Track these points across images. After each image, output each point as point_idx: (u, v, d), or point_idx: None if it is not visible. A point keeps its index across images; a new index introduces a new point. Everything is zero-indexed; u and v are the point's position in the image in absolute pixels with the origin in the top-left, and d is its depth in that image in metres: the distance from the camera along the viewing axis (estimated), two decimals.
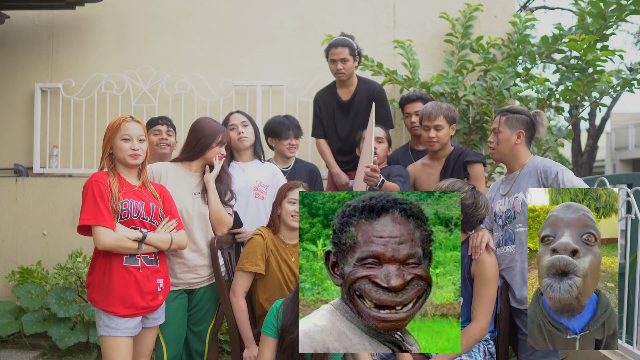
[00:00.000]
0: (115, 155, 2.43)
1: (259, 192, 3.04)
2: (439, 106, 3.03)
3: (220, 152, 2.75)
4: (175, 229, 2.50)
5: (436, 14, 4.48)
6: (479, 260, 2.43)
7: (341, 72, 3.62)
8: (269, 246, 2.64)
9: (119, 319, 2.31)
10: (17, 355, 3.95)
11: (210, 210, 2.70)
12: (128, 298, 2.32)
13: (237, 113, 3.15)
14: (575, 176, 2.45)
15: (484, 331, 2.42)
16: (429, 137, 3.02)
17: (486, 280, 2.42)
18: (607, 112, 15.24)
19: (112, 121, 2.45)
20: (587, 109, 4.51)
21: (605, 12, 3.87)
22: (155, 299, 2.41)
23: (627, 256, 3.10)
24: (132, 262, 2.35)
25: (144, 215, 2.40)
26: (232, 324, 2.67)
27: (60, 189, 4.48)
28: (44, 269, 4.29)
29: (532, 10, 14.08)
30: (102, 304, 2.32)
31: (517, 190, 2.58)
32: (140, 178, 2.49)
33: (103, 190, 2.31)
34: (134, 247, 2.33)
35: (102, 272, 2.34)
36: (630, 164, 21.83)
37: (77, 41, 4.86)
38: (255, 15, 4.78)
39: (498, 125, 2.64)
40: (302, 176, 3.31)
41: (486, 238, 2.46)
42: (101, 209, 2.28)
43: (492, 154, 2.71)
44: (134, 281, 2.34)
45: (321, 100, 3.82)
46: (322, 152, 3.81)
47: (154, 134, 3.27)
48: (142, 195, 2.43)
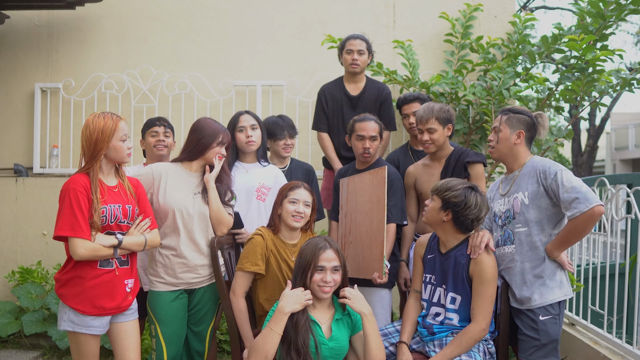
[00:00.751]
0: (107, 156, 2.38)
1: (261, 193, 3.03)
2: (431, 108, 3.02)
3: (221, 152, 2.74)
4: (149, 228, 2.48)
5: (436, 14, 4.48)
6: (478, 260, 2.43)
7: (356, 64, 3.68)
8: (269, 246, 2.64)
9: (85, 316, 2.30)
10: (17, 355, 3.95)
11: (211, 210, 2.70)
12: (98, 299, 2.31)
13: (247, 114, 3.09)
14: (575, 176, 2.45)
15: (484, 332, 2.42)
16: (424, 141, 3.03)
17: (485, 281, 2.41)
18: (607, 112, 15.26)
19: (99, 121, 2.34)
20: (587, 108, 4.51)
21: (604, 12, 3.87)
22: (125, 300, 2.40)
23: (627, 256, 3.10)
24: (106, 265, 2.35)
25: (120, 218, 2.38)
26: (232, 324, 2.67)
27: (60, 189, 4.46)
28: (44, 269, 4.29)
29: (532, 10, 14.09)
30: (71, 300, 2.30)
31: (516, 190, 2.58)
32: (117, 175, 2.47)
33: (81, 198, 2.27)
34: (109, 254, 2.32)
35: (74, 271, 2.32)
36: (630, 164, 21.84)
37: (77, 41, 4.86)
38: (255, 15, 4.78)
39: (499, 124, 2.64)
40: (298, 176, 3.32)
41: (486, 238, 2.45)
42: (78, 219, 2.25)
43: (491, 152, 2.70)
44: (105, 283, 2.33)
45: (328, 93, 3.82)
46: (325, 147, 3.78)
47: (151, 135, 3.23)
48: (119, 197, 2.40)
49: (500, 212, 2.65)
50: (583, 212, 2.32)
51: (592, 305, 3.40)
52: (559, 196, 2.40)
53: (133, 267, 2.47)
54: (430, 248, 2.64)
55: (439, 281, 2.57)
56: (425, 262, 2.65)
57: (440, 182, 2.54)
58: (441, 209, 2.47)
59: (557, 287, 2.49)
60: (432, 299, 2.58)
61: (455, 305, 2.50)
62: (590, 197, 2.33)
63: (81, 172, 2.36)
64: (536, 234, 2.50)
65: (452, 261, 2.51)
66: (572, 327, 3.45)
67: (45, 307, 4.04)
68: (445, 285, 2.54)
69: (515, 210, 2.56)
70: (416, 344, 2.60)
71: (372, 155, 3.09)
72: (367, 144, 3.03)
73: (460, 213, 2.44)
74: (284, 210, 2.67)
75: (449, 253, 2.54)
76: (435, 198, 2.51)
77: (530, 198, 2.51)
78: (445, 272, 2.54)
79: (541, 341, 2.44)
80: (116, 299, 2.36)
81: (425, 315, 2.59)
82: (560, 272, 2.52)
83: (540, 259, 2.49)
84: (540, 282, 2.48)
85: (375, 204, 2.81)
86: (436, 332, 2.52)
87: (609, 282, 3.64)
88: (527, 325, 2.49)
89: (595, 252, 3.85)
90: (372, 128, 3.05)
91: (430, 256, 2.63)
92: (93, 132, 2.34)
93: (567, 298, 2.55)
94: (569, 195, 2.36)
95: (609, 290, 3.52)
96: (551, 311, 2.47)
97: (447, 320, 2.52)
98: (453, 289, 2.51)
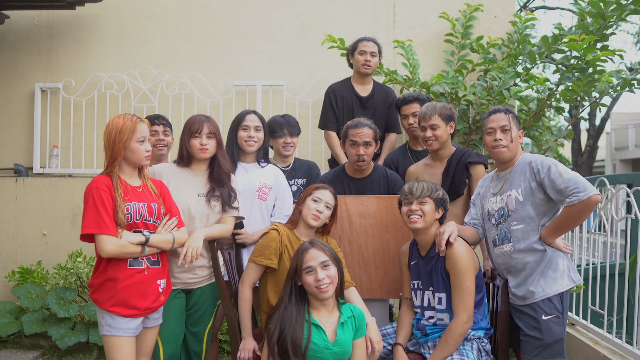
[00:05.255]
0: (125, 158, 2.38)
1: (262, 193, 3.02)
2: (433, 106, 3.03)
3: (201, 142, 2.67)
4: (176, 227, 2.50)
5: (436, 14, 4.48)
6: (448, 255, 2.44)
7: (368, 65, 3.75)
8: (283, 241, 2.66)
9: (121, 318, 2.32)
10: (17, 355, 3.95)
11: (216, 235, 2.71)
12: (131, 300, 2.32)
13: (254, 115, 3.04)
14: (568, 169, 2.45)
15: (467, 324, 2.41)
16: (427, 137, 3.02)
17: (459, 273, 2.42)
18: (607, 112, 15.24)
19: (119, 122, 2.34)
20: (587, 109, 4.51)
21: (605, 12, 3.87)
22: (157, 300, 2.42)
23: (627, 256, 3.10)
24: (136, 265, 2.36)
25: (146, 217, 2.39)
26: (232, 323, 2.67)
27: (60, 189, 4.48)
28: (44, 269, 4.29)
29: (532, 10, 14.09)
30: (106, 304, 2.32)
31: (509, 188, 2.58)
32: (141, 177, 2.48)
33: (104, 197, 2.28)
34: (137, 251, 2.33)
35: (106, 274, 2.33)
36: (630, 164, 21.82)
37: (77, 41, 4.86)
38: (255, 15, 4.78)
39: (508, 123, 2.60)
40: (300, 173, 3.32)
41: (447, 233, 2.45)
42: (103, 217, 2.26)
43: (501, 152, 2.60)
44: (137, 283, 2.34)
45: (338, 93, 3.83)
46: (333, 145, 3.78)
47: (150, 134, 3.21)
48: (143, 196, 2.42)
49: (494, 211, 2.64)
50: (582, 200, 2.34)
51: (592, 305, 3.40)
52: (557, 187, 2.40)
53: (164, 267, 2.48)
54: (412, 254, 2.66)
55: (425, 285, 2.58)
56: (410, 268, 2.66)
57: (417, 187, 2.55)
58: (435, 209, 2.55)
59: (561, 277, 2.48)
60: (423, 304, 2.60)
61: (442, 305, 2.51)
62: (587, 186, 2.37)
63: (103, 174, 2.36)
64: (533, 229, 2.50)
65: (434, 261, 2.52)
66: (572, 327, 3.45)
67: (45, 307, 4.03)
68: (432, 287, 2.55)
69: (509, 208, 2.56)
70: (412, 346, 2.62)
71: (367, 163, 3.04)
72: (361, 151, 2.98)
73: (446, 207, 2.59)
74: (306, 207, 2.68)
75: (428, 254, 2.57)
76: (427, 201, 2.53)
77: (524, 195, 2.52)
78: (429, 274, 2.55)
79: (545, 341, 2.44)
80: (148, 299, 2.37)
81: (420, 319, 2.60)
82: (562, 261, 2.51)
83: (541, 251, 2.49)
84: (544, 275, 2.48)
85: (392, 229, 2.93)
86: (429, 333, 2.53)
87: (609, 282, 3.63)
88: (529, 326, 2.48)
89: (595, 252, 3.85)
90: (366, 134, 2.99)
91: (413, 262, 2.64)
92: (111, 132, 2.34)
93: (576, 284, 2.53)
94: (567, 185, 2.38)
95: (609, 290, 3.52)
96: (554, 309, 2.45)
97: (439, 321, 2.54)
98: (437, 288, 2.52)
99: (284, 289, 2.41)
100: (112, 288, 2.32)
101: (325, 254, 2.36)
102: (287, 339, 2.27)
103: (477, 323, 2.50)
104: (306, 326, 2.32)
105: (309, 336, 2.29)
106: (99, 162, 4.62)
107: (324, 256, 2.35)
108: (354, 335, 2.40)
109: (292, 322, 2.30)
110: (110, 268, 2.32)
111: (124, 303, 2.31)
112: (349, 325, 2.40)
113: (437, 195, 2.56)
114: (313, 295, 2.36)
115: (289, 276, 2.41)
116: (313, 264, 2.33)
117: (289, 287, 2.39)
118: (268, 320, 2.41)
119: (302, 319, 2.33)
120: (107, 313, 2.32)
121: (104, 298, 2.32)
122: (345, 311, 2.42)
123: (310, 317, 2.35)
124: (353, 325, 2.41)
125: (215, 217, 2.72)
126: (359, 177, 3.11)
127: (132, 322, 2.34)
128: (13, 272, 4.23)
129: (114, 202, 2.30)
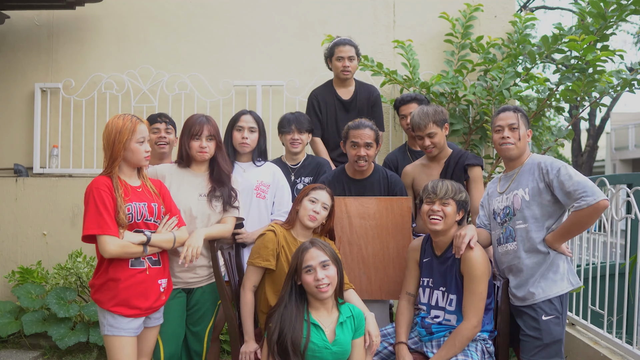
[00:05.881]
0: (125, 158, 2.38)
1: (260, 191, 3.02)
2: (426, 113, 2.99)
3: (200, 145, 2.68)
4: (177, 226, 2.50)
5: (436, 14, 4.48)
6: (465, 258, 2.44)
7: (347, 70, 3.69)
8: (280, 242, 2.65)
9: (123, 318, 2.32)
10: (17, 355, 3.95)
11: (217, 235, 2.71)
12: (133, 300, 2.33)
13: (249, 115, 3.04)
14: (578, 172, 2.45)
15: (476, 328, 2.42)
16: (426, 146, 3.02)
17: (474, 277, 2.42)
18: (607, 112, 15.24)
19: (118, 122, 2.34)
20: (587, 109, 4.51)
21: (605, 12, 3.87)
22: (158, 300, 2.42)
23: (627, 256, 3.10)
24: (137, 265, 2.36)
25: (147, 216, 2.39)
26: (231, 323, 2.67)
27: (60, 189, 4.48)
28: (44, 269, 4.29)
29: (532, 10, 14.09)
30: (107, 304, 2.32)
31: (516, 187, 2.58)
32: (140, 177, 2.48)
33: (105, 197, 2.28)
34: (139, 251, 2.34)
35: (107, 274, 2.34)
36: (630, 164, 21.82)
37: (77, 41, 4.86)
38: (255, 16, 4.78)
39: (517, 122, 2.59)
40: (308, 171, 3.32)
41: (468, 237, 2.45)
42: (104, 217, 2.26)
43: (509, 149, 2.58)
44: (139, 283, 2.35)
45: (320, 98, 3.80)
46: (318, 151, 3.74)
47: (152, 132, 3.20)
48: (143, 196, 2.42)
49: (499, 209, 2.64)
50: (590, 205, 2.32)
51: (592, 305, 3.40)
52: (566, 189, 2.39)
53: (165, 267, 2.48)
54: (424, 251, 2.65)
55: (436, 284, 2.57)
56: (421, 266, 2.65)
57: (441, 187, 2.53)
58: (457, 211, 2.53)
59: (561, 280, 2.48)
60: (431, 302, 2.58)
61: (452, 306, 2.51)
62: (596, 191, 2.35)
63: (103, 174, 2.37)
64: (537, 229, 2.50)
65: (449, 262, 2.52)
66: (572, 327, 3.45)
67: (45, 307, 4.03)
68: (445, 287, 2.54)
69: (515, 207, 2.56)
70: (414, 344, 2.61)
71: (368, 164, 3.03)
72: (362, 152, 2.97)
73: (467, 209, 2.57)
74: (302, 207, 2.67)
75: (444, 255, 2.56)
76: (450, 202, 2.51)
77: (531, 194, 2.51)
78: (443, 275, 2.54)
79: (544, 341, 2.43)
80: (150, 299, 2.37)
81: (424, 317, 2.59)
82: (563, 264, 2.51)
83: (544, 253, 2.49)
84: (545, 276, 2.48)
85: (392, 230, 2.91)
86: (434, 331, 2.52)
87: (609, 282, 3.64)
88: (529, 326, 2.48)
89: (595, 252, 3.85)
90: (368, 135, 2.98)
91: (426, 260, 2.63)
92: (111, 132, 2.34)
93: (575, 287, 2.53)
94: (576, 188, 2.37)
95: (609, 290, 3.52)
96: (554, 310, 2.46)
97: (445, 321, 2.53)
98: (449, 290, 2.52)
99: (284, 288, 2.41)
100: (113, 288, 2.32)
101: (326, 253, 2.36)
102: (287, 338, 2.27)
103: (483, 326, 2.50)
104: (305, 326, 2.32)
105: (308, 336, 2.29)
106: (98, 162, 4.62)
107: (324, 256, 2.35)
108: (353, 335, 2.40)
109: (292, 322, 2.31)
110: (112, 268, 2.33)
111: (126, 303, 2.31)
112: (348, 325, 2.40)
113: (460, 197, 2.55)
114: (312, 294, 2.36)
115: (289, 275, 2.41)
116: (313, 263, 2.34)
117: (289, 286, 2.39)
118: (268, 319, 2.41)
119: (302, 319, 2.33)
120: (108, 313, 2.32)
121: (106, 298, 2.32)
122: (345, 311, 2.42)
123: (310, 317, 2.35)
124: (352, 325, 2.41)
125: (216, 217, 2.72)
126: (359, 178, 3.10)
127: (133, 322, 2.34)
128: (13, 272, 4.23)
129: (115, 202, 2.30)
